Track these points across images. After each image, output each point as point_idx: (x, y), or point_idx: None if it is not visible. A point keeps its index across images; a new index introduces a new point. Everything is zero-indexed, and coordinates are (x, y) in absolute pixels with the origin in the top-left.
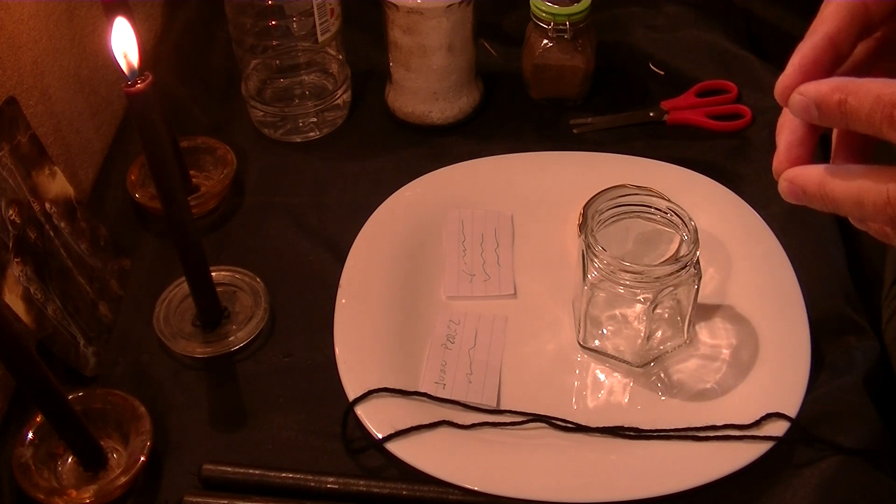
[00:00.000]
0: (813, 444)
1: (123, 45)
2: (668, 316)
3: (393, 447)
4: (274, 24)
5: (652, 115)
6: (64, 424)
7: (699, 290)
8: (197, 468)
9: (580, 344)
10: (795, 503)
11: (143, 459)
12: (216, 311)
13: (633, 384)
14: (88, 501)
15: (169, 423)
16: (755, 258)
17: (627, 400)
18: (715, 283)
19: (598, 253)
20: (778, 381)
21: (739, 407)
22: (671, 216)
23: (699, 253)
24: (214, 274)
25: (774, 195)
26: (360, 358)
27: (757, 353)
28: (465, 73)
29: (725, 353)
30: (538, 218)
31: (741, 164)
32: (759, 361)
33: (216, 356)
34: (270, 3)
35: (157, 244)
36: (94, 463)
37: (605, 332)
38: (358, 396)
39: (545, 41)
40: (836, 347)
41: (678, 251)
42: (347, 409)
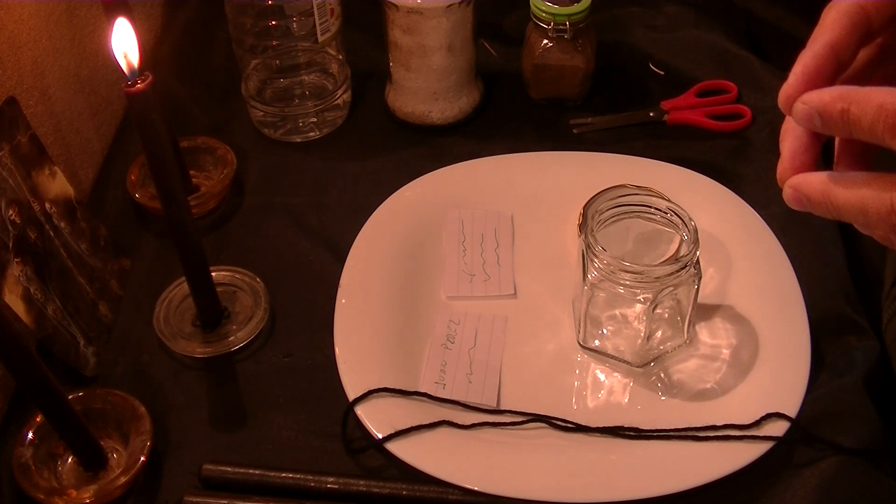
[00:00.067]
0: (813, 444)
1: (123, 45)
2: (668, 316)
3: (393, 447)
4: (274, 24)
5: (652, 115)
6: (64, 424)
7: (699, 290)
8: (197, 468)
9: (580, 344)
10: (795, 503)
11: (143, 459)
12: (216, 311)
13: (633, 384)
14: (88, 501)
15: (169, 423)
16: (755, 258)
17: (627, 400)
18: (715, 283)
19: (598, 253)
20: (778, 381)
21: (739, 407)
22: (671, 216)
23: (699, 253)
24: (214, 274)
25: (774, 195)
26: (360, 358)
27: (757, 353)
28: (465, 73)
29: (725, 353)
30: (538, 218)
31: (741, 164)
32: (759, 361)
33: (216, 356)
34: (270, 3)
35: (157, 244)
36: (94, 463)
37: (605, 332)
38: (358, 396)
39: (545, 41)
40: (836, 347)
41: (678, 251)
42: (347, 409)
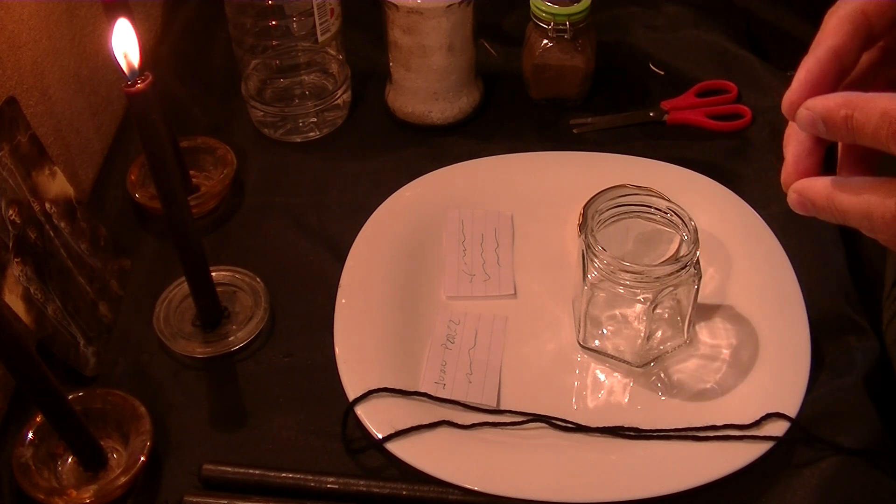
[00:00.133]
0: (813, 444)
1: (123, 45)
2: (668, 316)
3: (393, 447)
4: (274, 24)
5: (652, 115)
6: (64, 424)
7: (699, 290)
8: (197, 468)
9: (580, 344)
10: (795, 503)
11: (143, 459)
12: (216, 311)
13: (633, 384)
14: (88, 501)
15: (169, 423)
16: (755, 258)
17: (627, 400)
18: (715, 283)
19: (598, 253)
20: (778, 381)
21: (739, 407)
22: (671, 216)
23: (699, 253)
24: (214, 274)
25: (774, 195)
26: (360, 358)
27: (757, 353)
28: (465, 73)
29: (725, 353)
30: (538, 218)
31: (741, 164)
32: (759, 361)
33: (216, 356)
34: (270, 3)
35: (157, 244)
36: (94, 463)
37: (605, 332)
38: (358, 396)
39: (545, 41)
40: (836, 347)
41: (678, 251)
42: (347, 409)
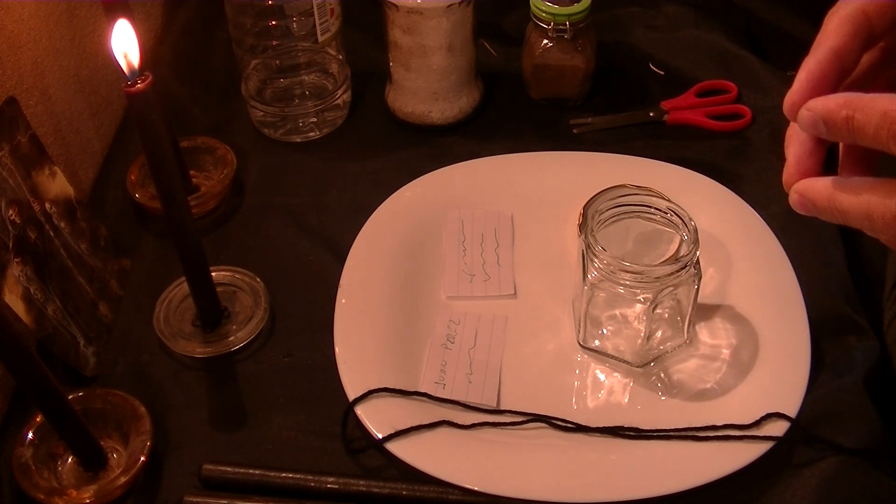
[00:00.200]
0: (813, 444)
1: (123, 45)
2: (668, 316)
3: (393, 447)
4: (274, 24)
5: (652, 115)
6: (64, 424)
7: (699, 290)
8: (197, 468)
9: (580, 344)
10: (795, 503)
11: (143, 459)
12: (216, 311)
13: (633, 384)
14: (88, 501)
15: (169, 423)
16: (755, 258)
17: (627, 400)
18: (715, 283)
19: (598, 253)
20: (778, 381)
21: (739, 407)
22: (671, 216)
23: (699, 253)
24: (214, 274)
25: (774, 195)
26: (360, 358)
27: (757, 353)
28: (465, 73)
29: (725, 353)
30: (538, 218)
31: (741, 164)
32: (759, 361)
33: (216, 356)
34: (270, 3)
35: (157, 244)
36: (94, 463)
37: (605, 332)
38: (358, 396)
39: (545, 41)
40: (836, 347)
41: (678, 251)
42: (347, 409)
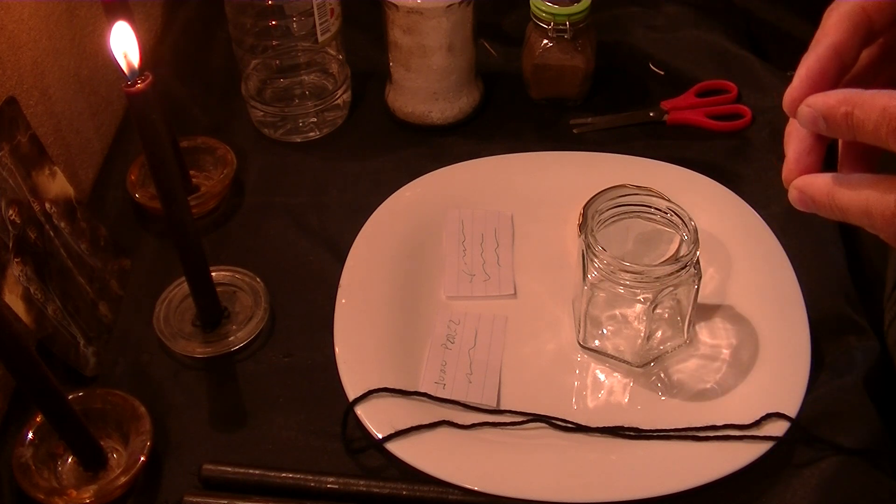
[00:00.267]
0: (813, 444)
1: (123, 45)
2: (668, 316)
3: (393, 447)
4: (274, 24)
5: (652, 115)
6: (64, 424)
7: (699, 290)
8: (197, 468)
9: (580, 344)
10: (795, 503)
11: (143, 459)
12: (216, 311)
13: (633, 384)
14: (88, 501)
15: (169, 423)
16: (755, 258)
17: (627, 400)
18: (715, 283)
19: (598, 253)
20: (778, 381)
21: (739, 407)
22: (671, 216)
23: (699, 253)
24: (214, 274)
25: (774, 195)
26: (360, 358)
27: (757, 353)
28: (465, 73)
29: (725, 353)
30: (538, 218)
31: (741, 164)
32: (759, 361)
33: (216, 356)
34: (270, 3)
35: (157, 244)
36: (94, 463)
37: (605, 332)
38: (358, 396)
39: (545, 41)
40: (836, 347)
41: (678, 251)
42: (347, 409)
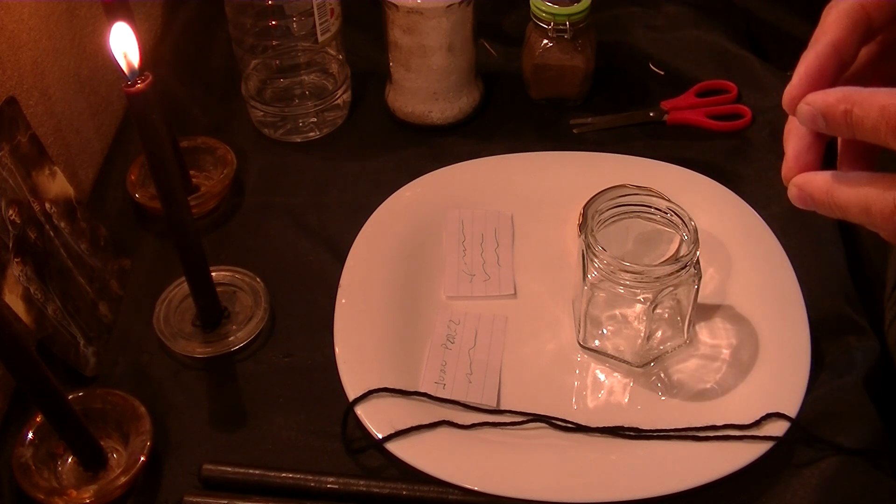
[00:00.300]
0: (813, 444)
1: (123, 45)
2: (668, 316)
3: (393, 447)
4: (274, 24)
5: (652, 115)
6: (64, 424)
7: (699, 290)
8: (197, 468)
9: (580, 344)
10: (795, 503)
11: (143, 459)
12: (216, 311)
13: (633, 384)
14: (88, 501)
15: (169, 423)
16: (755, 258)
17: (627, 400)
18: (715, 283)
19: (598, 253)
20: (778, 381)
21: (739, 407)
22: (671, 216)
23: (699, 253)
24: (214, 274)
25: (774, 195)
26: (360, 358)
27: (757, 353)
28: (465, 73)
29: (725, 353)
30: (538, 218)
31: (741, 164)
32: (759, 361)
33: (216, 356)
34: (270, 3)
35: (157, 244)
36: (94, 463)
37: (605, 332)
38: (358, 396)
39: (545, 41)
40: (836, 347)
41: (678, 251)
42: (347, 409)
